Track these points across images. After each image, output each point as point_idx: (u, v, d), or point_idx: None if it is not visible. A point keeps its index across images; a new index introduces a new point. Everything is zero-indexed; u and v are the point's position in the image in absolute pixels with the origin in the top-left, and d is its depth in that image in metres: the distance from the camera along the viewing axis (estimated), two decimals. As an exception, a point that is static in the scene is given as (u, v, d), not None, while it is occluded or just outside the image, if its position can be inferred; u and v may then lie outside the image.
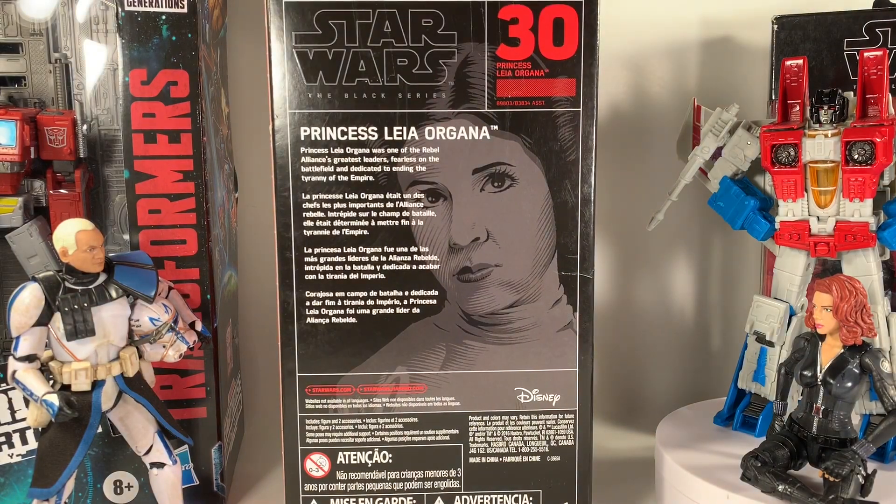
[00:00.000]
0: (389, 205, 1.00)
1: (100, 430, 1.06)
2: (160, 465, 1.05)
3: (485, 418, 1.05)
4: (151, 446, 1.05)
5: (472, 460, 1.06)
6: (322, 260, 1.01)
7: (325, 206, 1.00)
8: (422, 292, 1.02)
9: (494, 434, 1.05)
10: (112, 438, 1.09)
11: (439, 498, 1.07)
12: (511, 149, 0.99)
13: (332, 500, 1.07)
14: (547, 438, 1.06)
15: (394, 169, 0.99)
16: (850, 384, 0.99)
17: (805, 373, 1.01)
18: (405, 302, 1.02)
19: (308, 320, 1.02)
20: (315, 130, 0.99)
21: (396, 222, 1.01)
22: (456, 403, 1.05)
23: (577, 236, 1.01)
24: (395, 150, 0.99)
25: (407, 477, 1.06)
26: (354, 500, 1.07)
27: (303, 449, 1.05)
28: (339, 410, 1.04)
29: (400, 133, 0.99)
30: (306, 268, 1.01)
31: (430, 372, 1.04)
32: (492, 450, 1.06)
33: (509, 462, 1.06)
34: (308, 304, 1.02)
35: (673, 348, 1.56)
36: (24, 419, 1.10)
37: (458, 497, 1.07)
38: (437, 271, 1.02)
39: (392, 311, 1.02)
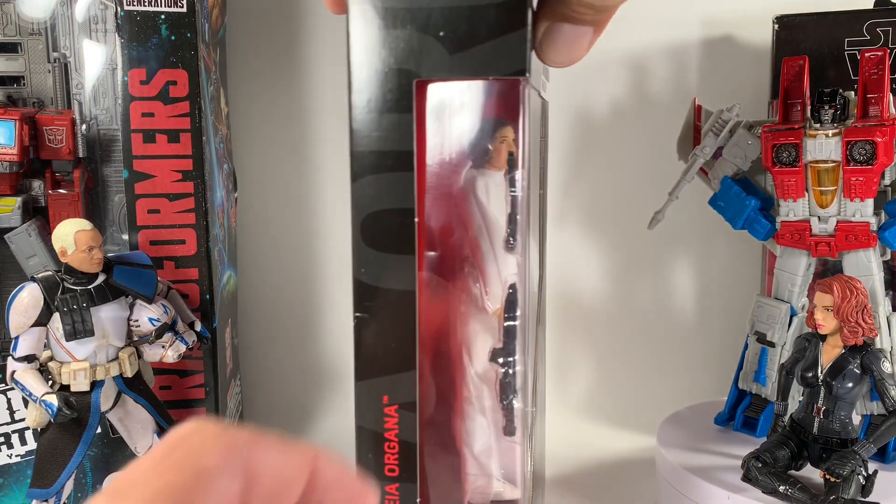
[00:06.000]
0: None
1: (99, 430, 1.05)
2: (159, 466, 1.05)
3: None
4: (150, 447, 1.05)
5: None
6: None
7: None
8: None
9: None
10: (111, 439, 1.09)
11: None
12: None
13: None
14: None
15: None
16: (850, 384, 0.98)
17: (806, 373, 1.01)
18: None
19: None
20: None
21: None
22: None
23: None
24: None
25: None
26: None
27: None
28: None
29: None
30: None
31: None
32: None
33: None
34: None
35: (673, 348, 1.56)
36: (23, 420, 1.10)
37: None
38: None
39: None
